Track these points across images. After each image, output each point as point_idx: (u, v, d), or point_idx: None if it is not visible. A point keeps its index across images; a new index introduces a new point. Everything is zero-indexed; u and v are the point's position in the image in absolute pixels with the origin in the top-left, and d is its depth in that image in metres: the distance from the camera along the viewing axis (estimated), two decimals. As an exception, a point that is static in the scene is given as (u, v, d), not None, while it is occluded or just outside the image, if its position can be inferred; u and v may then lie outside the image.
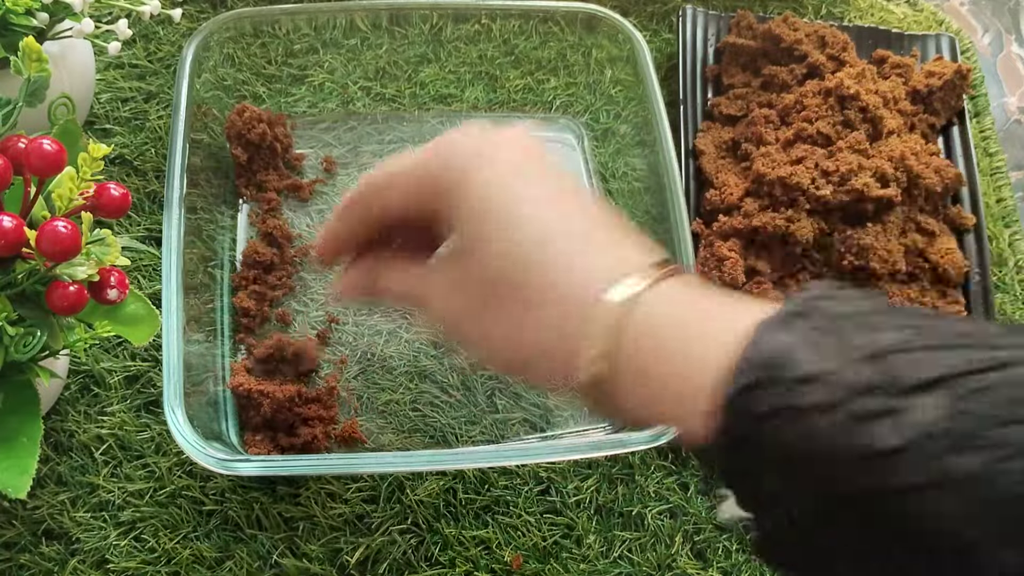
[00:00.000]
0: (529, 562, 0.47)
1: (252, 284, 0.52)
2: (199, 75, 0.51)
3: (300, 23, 0.57)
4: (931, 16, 0.74)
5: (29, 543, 0.44)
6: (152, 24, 0.61)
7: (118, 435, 0.47)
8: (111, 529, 0.45)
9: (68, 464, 0.46)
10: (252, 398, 0.46)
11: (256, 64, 0.58)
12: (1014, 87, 0.76)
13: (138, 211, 0.54)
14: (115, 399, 0.48)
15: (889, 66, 0.64)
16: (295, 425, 0.47)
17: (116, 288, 0.37)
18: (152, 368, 0.49)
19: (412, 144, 0.60)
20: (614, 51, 0.58)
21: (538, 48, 0.61)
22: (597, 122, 0.62)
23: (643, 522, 0.49)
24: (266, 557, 0.45)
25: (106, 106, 0.58)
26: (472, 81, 0.62)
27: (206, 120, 0.53)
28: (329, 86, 0.60)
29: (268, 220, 0.54)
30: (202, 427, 0.40)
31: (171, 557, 0.44)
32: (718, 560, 0.48)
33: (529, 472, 0.49)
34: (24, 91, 0.38)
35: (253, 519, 0.46)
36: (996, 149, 0.67)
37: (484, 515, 0.48)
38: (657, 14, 0.69)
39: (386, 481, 0.48)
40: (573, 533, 0.48)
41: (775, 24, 0.63)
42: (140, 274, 0.52)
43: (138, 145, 0.56)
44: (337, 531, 0.46)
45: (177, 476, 0.47)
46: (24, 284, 0.36)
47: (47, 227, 0.34)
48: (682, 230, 0.49)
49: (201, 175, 0.50)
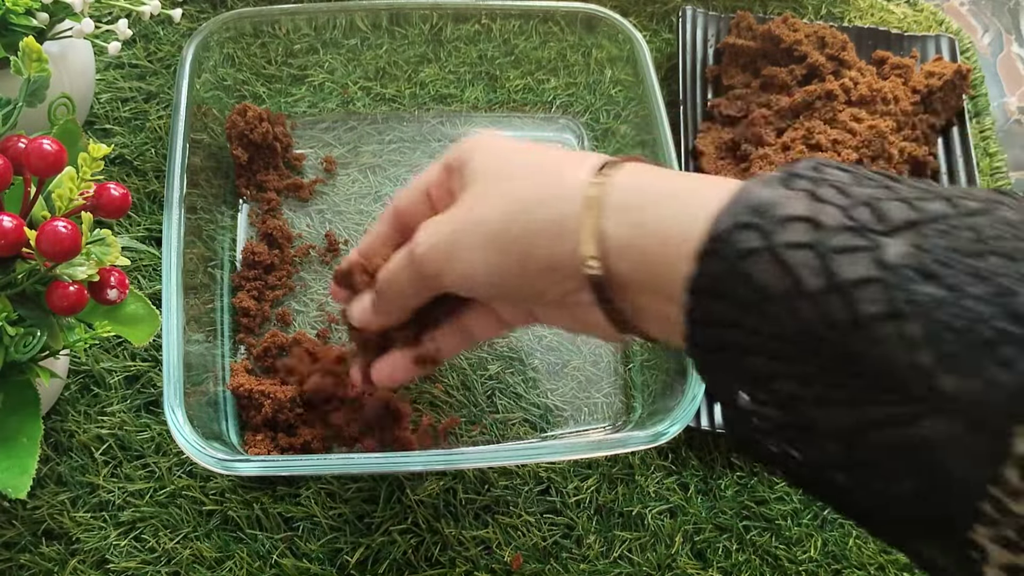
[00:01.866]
0: (529, 562, 0.47)
1: (252, 284, 0.52)
2: (199, 75, 0.51)
3: (300, 23, 0.57)
4: (931, 16, 0.74)
5: (29, 543, 0.44)
6: (152, 24, 0.61)
7: (118, 435, 0.47)
8: (111, 529, 0.45)
9: (68, 464, 0.46)
10: (252, 398, 0.46)
11: (256, 64, 0.58)
12: (1014, 87, 0.76)
13: (138, 211, 0.54)
14: (115, 399, 0.48)
15: (889, 66, 0.64)
16: (295, 425, 0.47)
17: (116, 288, 0.37)
18: (152, 368, 0.49)
19: (412, 144, 0.60)
20: (614, 51, 0.58)
21: (538, 48, 0.61)
22: (597, 122, 0.62)
23: (643, 522, 0.49)
24: (266, 557, 0.45)
25: (106, 106, 0.58)
26: (472, 81, 0.62)
27: (206, 120, 0.53)
28: (329, 86, 0.60)
29: (268, 220, 0.54)
30: (202, 427, 0.41)
31: (171, 557, 0.44)
32: (718, 560, 0.48)
33: (529, 472, 0.49)
34: (24, 91, 0.38)
35: (253, 519, 0.46)
36: (996, 149, 0.67)
37: (484, 515, 0.48)
38: (657, 14, 0.69)
39: (386, 481, 0.48)
40: (573, 533, 0.48)
41: (775, 25, 0.63)
42: (140, 274, 0.52)
43: (138, 145, 0.56)
44: (337, 531, 0.46)
45: (177, 476, 0.47)
46: (24, 284, 0.36)
47: (47, 227, 0.34)
48: (682, 230, 0.49)
49: (201, 175, 0.50)
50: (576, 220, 0.31)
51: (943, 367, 0.22)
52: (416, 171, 0.58)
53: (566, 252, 0.31)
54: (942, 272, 0.23)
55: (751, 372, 0.26)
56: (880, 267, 0.23)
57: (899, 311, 0.23)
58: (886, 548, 0.49)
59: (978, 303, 0.22)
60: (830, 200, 0.25)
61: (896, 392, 0.23)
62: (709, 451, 0.51)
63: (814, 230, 0.25)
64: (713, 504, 0.50)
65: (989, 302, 0.22)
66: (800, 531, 0.49)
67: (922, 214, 0.24)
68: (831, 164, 0.27)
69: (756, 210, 0.26)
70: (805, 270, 0.24)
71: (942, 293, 0.22)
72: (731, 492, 0.50)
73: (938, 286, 0.23)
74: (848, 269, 0.24)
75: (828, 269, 0.24)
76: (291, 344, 0.49)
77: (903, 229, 0.24)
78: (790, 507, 0.50)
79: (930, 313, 0.22)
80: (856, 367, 0.24)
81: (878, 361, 0.23)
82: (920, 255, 0.23)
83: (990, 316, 0.22)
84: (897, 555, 0.49)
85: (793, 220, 0.25)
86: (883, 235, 0.24)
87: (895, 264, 0.23)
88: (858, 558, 0.49)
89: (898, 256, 0.23)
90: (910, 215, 0.24)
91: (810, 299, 0.24)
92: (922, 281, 0.23)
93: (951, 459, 0.22)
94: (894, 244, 0.24)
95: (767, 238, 0.25)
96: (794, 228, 0.25)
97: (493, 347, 0.52)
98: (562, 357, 0.52)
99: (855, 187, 0.26)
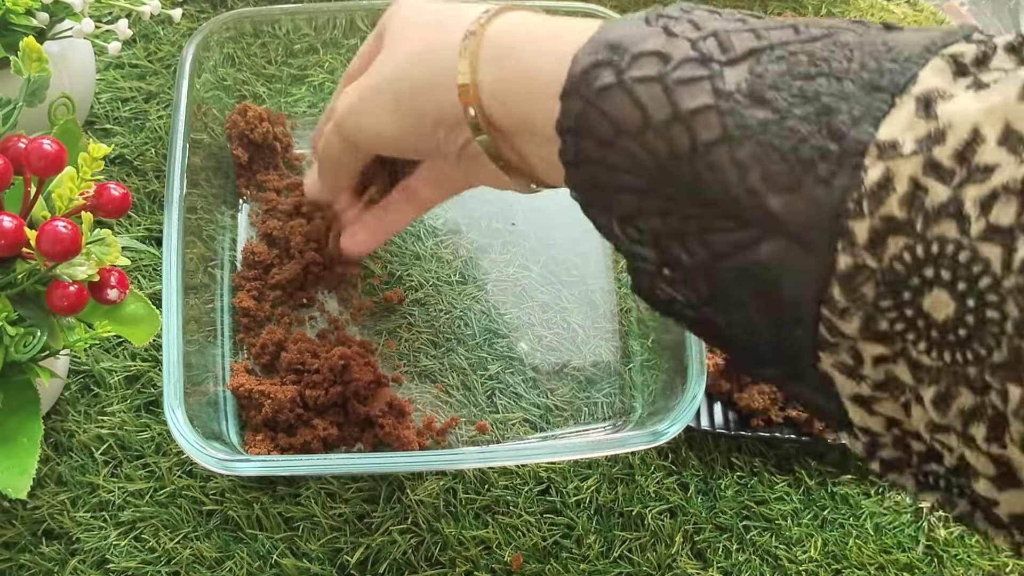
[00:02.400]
0: (529, 562, 0.47)
1: (252, 284, 0.52)
2: (199, 75, 0.51)
3: (300, 23, 0.57)
4: (931, 16, 0.74)
5: (29, 543, 0.44)
6: (152, 24, 0.61)
7: (118, 435, 0.47)
8: (111, 529, 0.45)
9: (68, 464, 0.46)
10: (252, 398, 0.46)
11: (256, 64, 0.58)
12: (1014, 87, 0.76)
13: (138, 211, 0.54)
14: (115, 399, 0.48)
15: (889, 66, 0.64)
16: (295, 425, 0.47)
17: (116, 288, 0.37)
18: (152, 368, 0.49)
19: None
20: (614, 51, 0.58)
21: (538, 48, 0.61)
22: (597, 122, 0.61)
23: (643, 522, 0.49)
24: (266, 557, 0.45)
25: (106, 106, 0.58)
26: (472, 81, 0.62)
27: (206, 120, 0.53)
28: (329, 86, 0.60)
29: (268, 220, 0.54)
30: (202, 427, 0.41)
31: (171, 557, 0.45)
32: (718, 560, 0.48)
33: (529, 472, 0.49)
34: (24, 91, 0.38)
35: (253, 519, 0.46)
36: (996, 149, 0.67)
37: (484, 515, 0.48)
38: (657, 14, 0.69)
39: (386, 481, 0.48)
40: (573, 533, 0.48)
41: (775, 24, 0.63)
42: (140, 274, 0.52)
43: (138, 145, 0.56)
44: (337, 531, 0.46)
45: (177, 476, 0.47)
46: (24, 284, 0.36)
47: (47, 227, 0.34)
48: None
49: (201, 175, 0.50)
50: (454, 70, 0.32)
51: (769, 188, 0.23)
52: (416, 171, 0.58)
53: (449, 103, 0.32)
54: (771, 96, 0.23)
55: (619, 208, 0.27)
56: (716, 95, 0.24)
57: (730, 135, 0.23)
58: (886, 548, 0.49)
59: (801, 123, 0.22)
60: (682, 34, 0.26)
61: (735, 218, 0.24)
62: (709, 451, 0.51)
63: (662, 63, 0.25)
64: (713, 504, 0.50)
65: (811, 121, 0.22)
66: (800, 531, 0.49)
67: (763, 42, 0.25)
68: (705, 7, 0.28)
69: (612, 46, 0.26)
70: (652, 103, 0.25)
71: (769, 115, 0.23)
72: (731, 492, 0.50)
73: (767, 109, 0.23)
74: (688, 99, 0.24)
75: (672, 100, 0.25)
76: (291, 342, 0.49)
77: (744, 58, 0.24)
78: (790, 507, 0.50)
79: (758, 136, 0.23)
80: (701, 196, 0.24)
81: (717, 187, 0.24)
82: (754, 81, 0.24)
83: (809, 134, 0.22)
84: (897, 555, 0.49)
85: (645, 55, 0.26)
86: (724, 65, 0.24)
87: (729, 91, 0.24)
88: (858, 558, 0.49)
89: (733, 83, 0.24)
90: (753, 44, 0.25)
91: (657, 131, 0.25)
92: (752, 106, 0.23)
93: (785, 281, 0.23)
94: (732, 72, 0.24)
95: (620, 74, 0.26)
96: (644, 62, 0.25)
97: (493, 347, 0.52)
98: (562, 357, 0.52)
99: (711, 22, 0.26)
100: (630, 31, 0.26)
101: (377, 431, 0.47)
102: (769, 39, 0.25)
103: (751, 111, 0.23)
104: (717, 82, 0.24)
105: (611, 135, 0.26)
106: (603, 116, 0.26)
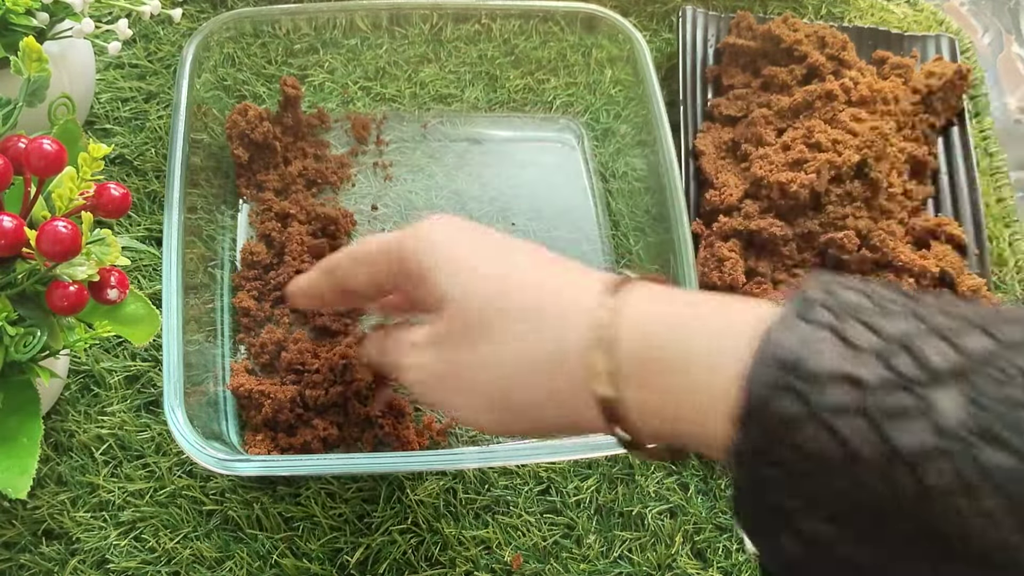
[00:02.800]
0: (529, 562, 0.47)
1: (252, 284, 0.52)
2: (199, 75, 0.51)
3: (300, 23, 0.57)
4: (931, 16, 0.74)
5: (29, 543, 0.44)
6: (152, 24, 0.61)
7: (118, 435, 0.47)
8: (111, 529, 0.45)
9: (68, 464, 0.46)
10: (252, 398, 0.46)
11: (256, 64, 0.58)
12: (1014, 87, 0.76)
13: (138, 211, 0.54)
14: (115, 399, 0.48)
15: (889, 66, 0.64)
16: (295, 425, 0.47)
17: (116, 288, 0.37)
18: (152, 368, 0.49)
19: (412, 144, 0.60)
20: (614, 51, 0.58)
21: (538, 48, 0.61)
22: (597, 122, 0.62)
23: (643, 522, 0.49)
24: (266, 557, 0.45)
25: (106, 106, 0.58)
26: (472, 81, 0.62)
27: (206, 120, 0.53)
28: (329, 86, 0.60)
29: (268, 220, 0.54)
30: (202, 427, 0.41)
31: (171, 557, 0.44)
32: (718, 560, 0.48)
33: (529, 472, 0.49)
34: (24, 91, 0.38)
35: (253, 519, 0.46)
36: (996, 149, 0.67)
37: (484, 515, 0.48)
38: (657, 14, 0.69)
39: (386, 481, 0.48)
40: (573, 533, 0.48)
41: (775, 25, 0.63)
42: (140, 274, 0.52)
43: (138, 145, 0.56)
44: (337, 531, 0.46)
45: (177, 476, 0.47)
46: (24, 284, 0.36)
47: (47, 227, 0.34)
48: (682, 230, 0.49)
49: (201, 175, 0.50)
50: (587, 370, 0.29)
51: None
52: (415, 171, 0.58)
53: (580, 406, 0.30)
54: (1006, 435, 0.21)
55: (808, 535, 0.24)
56: (939, 434, 0.22)
57: (971, 484, 0.21)
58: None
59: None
60: (862, 345, 0.23)
61: (974, 561, 0.22)
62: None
63: (856, 389, 0.23)
64: (713, 504, 0.50)
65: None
66: (800, 531, 0.49)
67: (966, 357, 0.22)
68: (841, 282, 0.25)
69: (787, 366, 0.24)
70: (858, 438, 0.22)
71: (1012, 462, 0.21)
72: (731, 492, 0.50)
73: (1006, 452, 0.21)
74: (906, 438, 0.22)
75: (883, 437, 0.22)
76: (291, 342, 0.49)
77: (951, 378, 0.22)
78: (790, 507, 0.50)
79: (1006, 487, 0.21)
80: (930, 536, 0.22)
81: (956, 531, 0.22)
82: (978, 414, 0.21)
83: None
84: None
85: (831, 379, 0.23)
86: (928, 386, 0.22)
87: (952, 429, 0.21)
88: (858, 558, 0.49)
89: (956, 419, 0.22)
90: (953, 358, 0.22)
91: (870, 469, 0.22)
92: (988, 448, 0.21)
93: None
94: (946, 399, 0.22)
95: (808, 403, 0.23)
96: (835, 390, 0.23)
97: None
98: (562, 357, 0.52)
99: (881, 319, 0.24)
100: (798, 340, 0.24)
101: (377, 431, 0.47)
102: (968, 352, 0.22)
103: (987, 454, 0.21)
104: (934, 417, 0.22)
105: (807, 468, 0.23)
106: (795, 449, 0.23)
